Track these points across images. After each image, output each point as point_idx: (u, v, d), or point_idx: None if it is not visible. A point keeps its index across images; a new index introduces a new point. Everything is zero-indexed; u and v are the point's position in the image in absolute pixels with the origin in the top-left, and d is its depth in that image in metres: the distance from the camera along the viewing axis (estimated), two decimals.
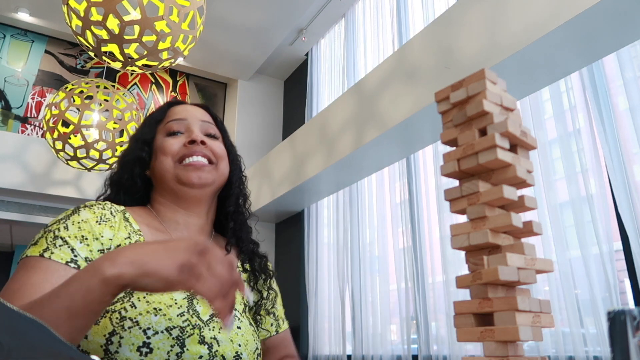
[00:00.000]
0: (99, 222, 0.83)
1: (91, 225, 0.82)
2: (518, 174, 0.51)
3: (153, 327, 0.76)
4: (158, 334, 0.75)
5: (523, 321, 0.47)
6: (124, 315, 0.75)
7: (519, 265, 0.49)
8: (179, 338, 0.77)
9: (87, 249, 0.79)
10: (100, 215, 0.85)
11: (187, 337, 0.78)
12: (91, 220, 0.83)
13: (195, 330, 0.80)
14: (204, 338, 0.80)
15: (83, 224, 0.82)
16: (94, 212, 0.85)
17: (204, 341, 0.80)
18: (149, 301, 0.78)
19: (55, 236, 0.78)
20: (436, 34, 3.30)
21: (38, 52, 5.57)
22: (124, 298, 0.78)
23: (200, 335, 0.80)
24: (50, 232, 0.79)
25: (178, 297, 0.82)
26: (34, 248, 0.77)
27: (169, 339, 0.76)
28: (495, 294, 0.49)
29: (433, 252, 3.67)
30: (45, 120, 3.55)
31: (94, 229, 0.82)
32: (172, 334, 0.77)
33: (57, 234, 0.79)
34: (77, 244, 0.79)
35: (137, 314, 0.76)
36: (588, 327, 2.60)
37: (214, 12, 4.94)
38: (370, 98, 3.84)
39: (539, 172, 2.88)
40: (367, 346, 4.02)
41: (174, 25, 2.32)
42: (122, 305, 0.77)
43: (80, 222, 0.82)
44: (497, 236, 0.50)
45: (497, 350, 0.47)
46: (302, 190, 4.80)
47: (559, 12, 2.45)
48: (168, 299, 0.80)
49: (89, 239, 0.80)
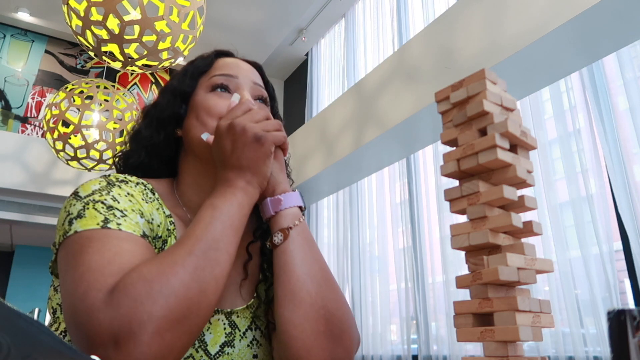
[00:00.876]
0: (146, 201, 0.69)
1: (139, 202, 0.68)
2: (518, 174, 0.51)
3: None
4: None
5: (523, 321, 0.47)
6: None
7: (519, 265, 0.49)
8: None
9: (148, 226, 0.67)
10: (141, 192, 0.70)
11: None
12: (137, 196, 0.68)
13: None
14: None
15: (132, 198, 0.67)
16: (131, 187, 0.69)
17: None
18: None
19: (108, 206, 0.63)
20: (436, 34, 3.30)
21: (38, 52, 5.57)
22: None
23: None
24: (97, 203, 0.63)
25: None
26: (82, 221, 0.61)
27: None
28: (495, 294, 0.49)
29: (433, 252, 3.67)
30: (46, 120, 3.55)
31: (144, 207, 0.68)
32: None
33: (109, 204, 0.64)
34: (138, 217, 0.65)
35: None
36: (588, 327, 2.60)
37: (214, 12, 4.94)
38: (370, 98, 3.84)
39: (539, 172, 2.88)
40: (367, 346, 4.02)
41: (174, 25, 2.32)
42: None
43: (128, 195, 0.67)
44: (497, 236, 0.50)
45: (497, 350, 0.47)
46: (302, 190, 4.78)
47: (559, 12, 2.45)
48: None
49: (146, 216, 0.67)
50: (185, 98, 0.79)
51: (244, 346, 0.70)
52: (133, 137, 0.81)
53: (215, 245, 0.60)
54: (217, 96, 0.77)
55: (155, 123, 0.79)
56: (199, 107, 0.76)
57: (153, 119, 0.80)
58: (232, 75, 0.79)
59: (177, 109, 0.78)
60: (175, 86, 0.80)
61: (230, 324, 0.71)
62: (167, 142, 0.79)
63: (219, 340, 0.68)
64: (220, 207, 0.64)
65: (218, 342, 0.68)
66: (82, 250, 0.58)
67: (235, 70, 0.81)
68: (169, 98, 0.79)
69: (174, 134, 0.79)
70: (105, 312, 0.52)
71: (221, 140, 0.68)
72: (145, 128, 0.80)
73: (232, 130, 0.67)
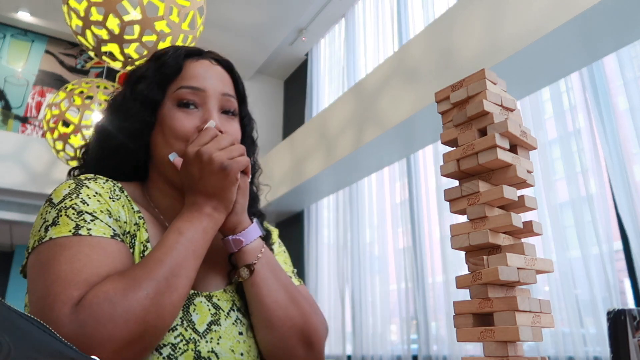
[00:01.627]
0: (112, 199, 0.72)
1: (106, 201, 0.71)
2: (518, 174, 0.51)
3: None
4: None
5: (523, 321, 0.47)
6: None
7: (519, 265, 0.49)
8: (170, 357, 0.67)
9: (116, 224, 0.70)
10: (109, 190, 0.73)
11: (180, 354, 0.69)
12: (104, 195, 0.71)
13: (190, 346, 0.70)
14: (200, 353, 0.70)
15: (100, 197, 0.70)
16: (101, 185, 0.72)
17: (201, 356, 0.70)
18: None
19: (79, 211, 0.67)
20: (436, 34, 3.30)
21: (38, 52, 5.58)
22: None
23: (195, 350, 0.70)
24: (68, 209, 0.67)
25: None
26: (56, 229, 0.65)
27: (159, 359, 0.67)
28: (495, 294, 0.49)
29: (433, 252, 3.67)
30: (46, 120, 3.55)
31: (111, 205, 0.71)
32: (162, 354, 0.67)
33: (79, 208, 0.67)
34: (106, 218, 0.69)
35: None
36: (588, 327, 2.60)
37: (214, 12, 4.94)
38: (370, 98, 3.84)
39: (539, 172, 2.88)
40: (367, 346, 4.02)
41: (174, 25, 2.32)
42: None
43: (96, 195, 0.70)
44: (497, 236, 0.50)
45: (497, 350, 0.47)
46: (302, 190, 4.80)
47: (559, 12, 2.45)
48: None
49: (113, 215, 0.70)
50: (155, 107, 0.79)
51: (229, 324, 0.75)
52: (104, 140, 0.81)
53: (177, 271, 0.66)
54: (183, 114, 0.77)
55: (128, 131, 0.79)
56: (165, 124, 0.77)
57: (124, 125, 0.79)
58: (199, 89, 0.78)
59: (148, 118, 0.78)
60: (145, 95, 0.79)
61: (213, 305, 0.75)
62: (139, 151, 0.80)
63: (205, 320, 0.73)
64: (185, 233, 0.69)
65: (205, 321, 0.73)
66: (54, 258, 0.63)
67: (203, 82, 0.79)
68: (139, 108, 0.78)
69: (146, 143, 0.80)
70: (69, 328, 0.57)
71: (189, 167, 0.71)
72: (117, 132, 0.79)
73: (200, 158, 0.70)
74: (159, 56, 0.82)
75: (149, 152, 0.80)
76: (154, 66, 0.81)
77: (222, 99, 0.80)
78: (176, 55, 0.81)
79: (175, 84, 0.79)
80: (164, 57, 0.81)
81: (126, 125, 0.78)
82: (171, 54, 0.81)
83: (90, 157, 0.83)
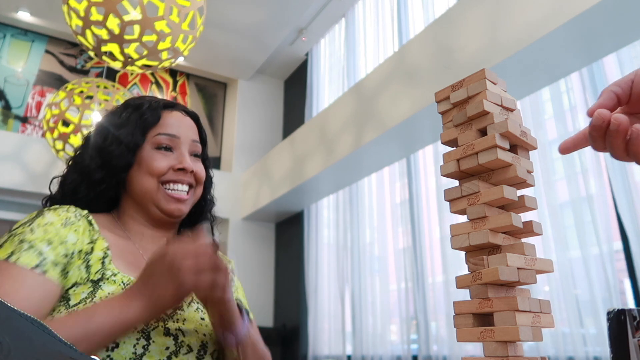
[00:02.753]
0: (64, 225, 0.82)
1: (57, 229, 0.81)
2: (518, 174, 0.51)
3: None
4: None
5: (523, 321, 0.47)
6: None
7: (519, 266, 0.49)
8: (144, 331, 0.78)
9: (53, 252, 0.78)
10: (65, 218, 0.83)
11: (152, 329, 0.79)
12: (56, 223, 0.82)
13: (160, 323, 0.81)
14: (169, 330, 0.81)
15: (49, 227, 0.81)
16: (58, 214, 0.83)
17: (169, 333, 0.81)
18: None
19: (21, 240, 0.78)
20: (436, 34, 3.30)
21: (38, 52, 5.57)
22: (86, 299, 0.77)
23: (164, 327, 0.81)
24: (16, 236, 0.79)
25: None
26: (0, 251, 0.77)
27: (134, 332, 0.77)
28: (495, 294, 0.49)
29: (433, 252, 3.67)
30: (46, 120, 3.56)
31: (59, 232, 0.81)
32: (136, 327, 0.77)
33: (23, 237, 0.78)
34: (43, 247, 0.78)
35: None
36: (588, 327, 2.60)
37: (214, 12, 4.94)
38: (370, 98, 3.84)
39: (539, 172, 2.88)
40: (367, 346, 4.02)
41: (174, 25, 2.32)
42: (84, 306, 0.76)
43: (45, 225, 0.81)
44: (497, 236, 0.50)
45: (497, 350, 0.47)
46: (302, 190, 4.80)
47: (559, 12, 2.45)
48: None
49: (54, 243, 0.79)
50: (136, 149, 0.93)
51: (192, 311, 0.87)
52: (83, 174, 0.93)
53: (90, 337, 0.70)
54: (160, 155, 0.93)
55: (109, 169, 0.92)
56: (144, 163, 0.92)
57: (105, 163, 0.92)
58: (175, 136, 0.94)
59: (130, 160, 0.92)
60: (129, 140, 0.92)
61: None
62: (117, 186, 0.93)
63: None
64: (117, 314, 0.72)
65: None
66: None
67: (177, 130, 0.95)
68: (122, 150, 0.92)
69: (124, 180, 0.93)
70: None
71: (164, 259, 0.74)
72: (97, 169, 0.92)
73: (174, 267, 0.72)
74: (137, 106, 0.97)
75: (124, 186, 0.94)
76: (135, 114, 0.95)
77: (191, 145, 0.97)
78: (155, 106, 0.97)
79: (154, 130, 0.94)
80: (143, 107, 0.96)
81: (111, 163, 0.92)
82: (150, 105, 0.96)
83: (69, 189, 0.93)
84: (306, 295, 4.89)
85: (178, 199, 0.91)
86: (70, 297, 0.78)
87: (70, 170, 0.95)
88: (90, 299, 0.77)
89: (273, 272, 5.71)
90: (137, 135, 0.93)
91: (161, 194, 0.91)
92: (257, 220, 5.80)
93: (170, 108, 0.98)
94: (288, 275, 5.40)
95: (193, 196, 0.95)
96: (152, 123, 0.94)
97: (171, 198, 0.91)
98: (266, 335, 4.08)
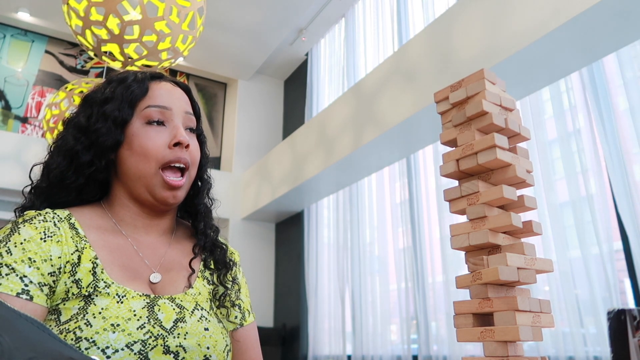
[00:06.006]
0: (44, 239, 0.74)
1: (37, 244, 0.73)
2: (518, 174, 0.51)
3: (112, 346, 0.70)
4: (118, 352, 0.70)
5: (523, 321, 0.47)
6: (80, 335, 0.70)
7: (519, 265, 0.49)
8: (141, 353, 0.72)
9: (37, 272, 0.72)
10: (44, 229, 0.75)
11: (150, 349, 0.73)
12: (35, 238, 0.74)
13: (159, 341, 0.74)
14: (168, 348, 0.75)
15: (27, 244, 0.73)
16: (35, 227, 0.75)
17: (169, 351, 0.75)
18: (105, 317, 0.72)
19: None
20: (436, 34, 3.30)
21: (38, 52, 5.57)
22: (77, 316, 0.72)
23: (164, 345, 0.74)
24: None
25: (137, 307, 0.76)
26: None
27: (131, 355, 0.71)
28: (495, 294, 0.49)
29: (433, 252, 3.67)
30: (46, 120, 3.55)
31: (40, 248, 0.73)
32: (133, 350, 0.71)
33: (0, 260, 0.70)
34: (25, 269, 0.71)
35: (93, 333, 0.70)
36: (588, 327, 2.60)
37: (214, 12, 4.94)
38: (370, 98, 3.84)
39: (539, 172, 2.88)
40: (367, 346, 4.02)
41: (174, 25, 2.32)
42: (76, 324, 0.71)
43: (23, 243, 0.73)
44: (497, 236, 0.50)
45: (497, 350, 0.47)
46: (302, 190, 4.80)
47: (559, 12, 2.45)
48: (126, 311, 0.74)
49: (37, 261, 0.72)
50: (124, 126, 0.84)
51: (194, 321, 0.80)
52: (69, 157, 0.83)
53: None
54: (153, 131, 0.83)
55: (96, 149, 0.82)
56: (135, 142, 0.83)
57: (92, 143, 0.83)
58: (166, 107, 0.85)
59: (119, 137, 0.83)
60: (116, 115, 0.83)
61: (177, 305, 0.80)
62: (107, 168, 0.84)
63: (171, 317, 0.78)
64: None
65: (171, 319, 0.77)
66: None
67: (168, 101, 0.86)
68: (109, 126, 0.82)
69: (114, 161, 0.84)
70: None
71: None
72: (84, 151, 0.83)
73: None
74: (122, 79, 0.87)
75: (115, 169, 0.85)
76: (120, 88, 0.86)
77: (185, 117, 0.87)
78: (142, 78, 0.88)
79: (142, 103, 0.85)
80: (128, 80, 0.87)
81: (97, 143, 0.82)
82: (135, 77, 0.88)
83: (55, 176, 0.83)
84: (306, 295, 4.89)
85: (172, 185, 0.82)
86: (61, 311, 0.73)
87: (54, 155, 0.85)
88: (82, 315, 0.72)
89: (273, 272, 5.71)
90: (125, 109, 0.83)
91: (157, 179, 0.82)
92: (257, 220, 5.80)
93: (158, 79, 0.90)
94: (288, 275, 5.40)
95: (188, 180, 0.86)
96: (140, 95, 0.85)
97: (167, 184, 0.82)
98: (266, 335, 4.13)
